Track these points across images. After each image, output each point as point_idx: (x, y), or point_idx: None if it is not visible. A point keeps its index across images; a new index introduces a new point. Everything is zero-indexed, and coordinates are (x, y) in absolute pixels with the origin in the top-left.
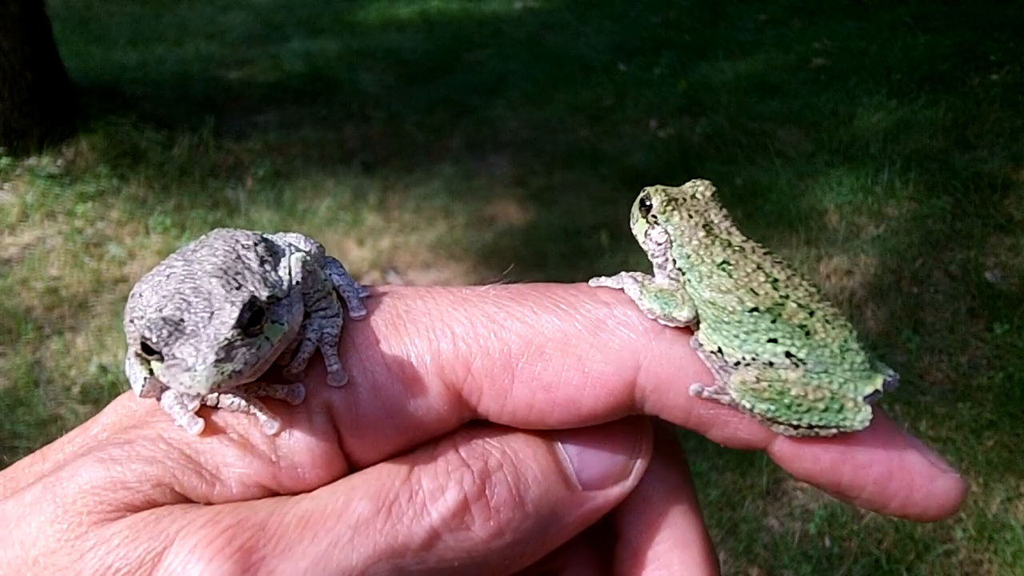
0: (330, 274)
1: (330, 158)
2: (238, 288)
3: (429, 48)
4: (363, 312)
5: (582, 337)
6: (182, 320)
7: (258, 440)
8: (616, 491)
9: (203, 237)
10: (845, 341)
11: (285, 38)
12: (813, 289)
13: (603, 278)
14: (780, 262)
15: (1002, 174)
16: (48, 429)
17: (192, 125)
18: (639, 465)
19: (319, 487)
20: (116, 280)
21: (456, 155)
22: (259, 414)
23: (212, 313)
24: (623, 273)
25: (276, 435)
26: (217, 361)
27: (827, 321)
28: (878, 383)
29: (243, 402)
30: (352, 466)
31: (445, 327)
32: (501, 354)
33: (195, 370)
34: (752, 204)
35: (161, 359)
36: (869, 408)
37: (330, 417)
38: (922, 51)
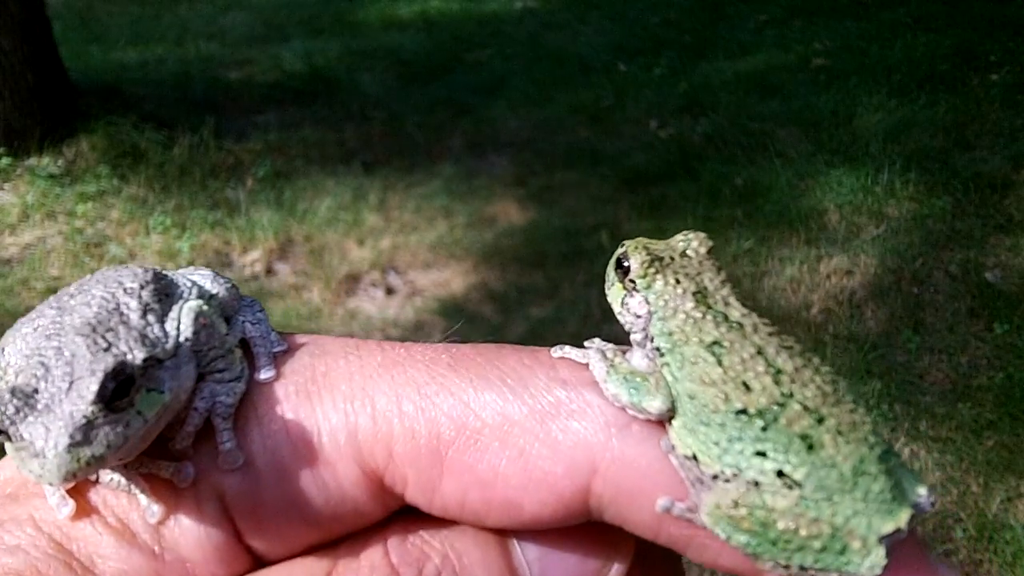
0: (242, 322)
1: (330, 158)
2: (106, 349)
3: (429, 48)
4: (272, 373)
5: (527, 426)
6: (36, 391)
7: (139, 527)
8: None
9: (89, 276)
10: (861, 461)
11: (285, 38)
12: (829, 387)
13: (568, 348)
14: (789, 347)
15: (1002, 174)
16: None
17: (192, 125)
18: (616, 571)
19: None
20: None
21: (456, 155)
22: (140, 496)
23: (71, 383)
24: (595, 343)
25: (160, 523)
26: (72, 446)
27: (840, 432)
28: (901, 520)
29: (123, 480)
30: (259, 560)
31: (366, 399)
32: (428, 438)
33: (45, 456)
34: (752, 204)
35: (10, 438)
36: (883, 551)
37: (224, 504)
38: (922, 51)
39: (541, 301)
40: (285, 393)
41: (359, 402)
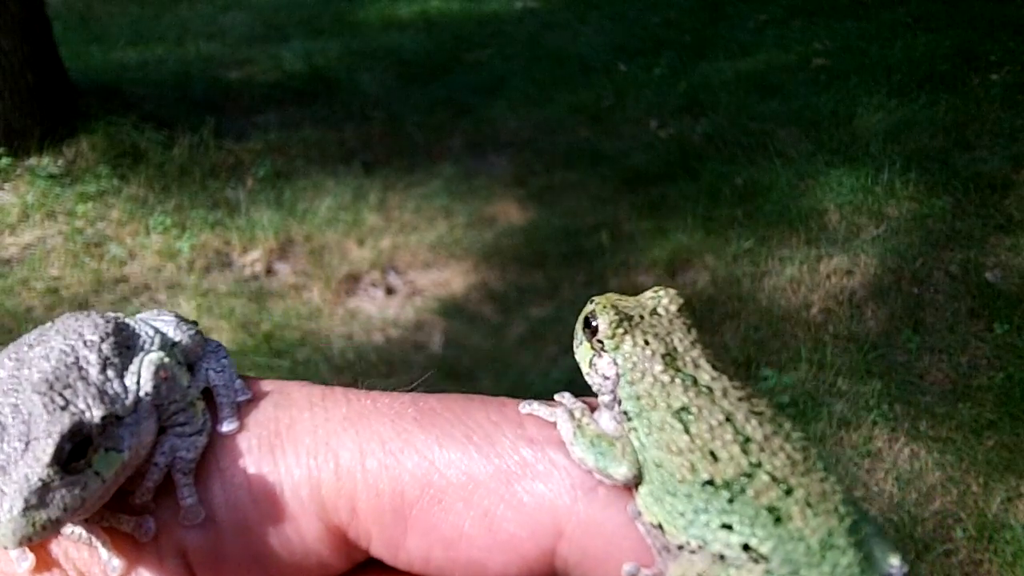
0: (206, 370)
1: (330, 158)
2: (63, 408)
3: (429, 48)
4: (235, 425)
5: (491, 487)
6: None
7: None
8: None
9: (50, 323)
10: (829, 533)
11: (285, 38)
12: (799, 455)
13: (536, 404)
14: (760, 412)
15: (1002, 174)
16: None
17: (192, 125)
18: None
19: None
20: (116, 280)
21: (456, 155)
22: (101, 549)
23: (28, 443)
24: (564, 400)
25: None
26: (27, 509)
27: (808, 504)
28: None
29: (84, 532)
30: None
31: (329, 453)
32: (392, 496)
33: None
34: (752, 204)
35: None
36: None
37: (186, 559)
38: (922, 51)
39: (541, 301)
40: (248, 446)
41: (322, 457)
